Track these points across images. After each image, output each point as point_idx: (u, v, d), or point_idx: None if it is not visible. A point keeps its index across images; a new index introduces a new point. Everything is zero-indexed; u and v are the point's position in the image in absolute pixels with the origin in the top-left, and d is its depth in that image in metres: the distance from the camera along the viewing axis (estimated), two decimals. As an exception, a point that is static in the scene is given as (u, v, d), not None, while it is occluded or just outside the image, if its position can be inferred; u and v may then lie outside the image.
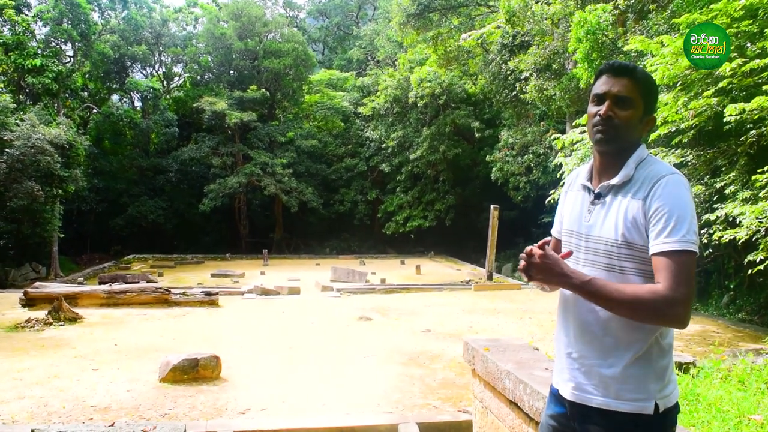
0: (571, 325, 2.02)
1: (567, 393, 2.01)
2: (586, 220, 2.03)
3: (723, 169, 9.55)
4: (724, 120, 8.15)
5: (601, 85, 2.01)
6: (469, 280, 18.22)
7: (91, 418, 5.34)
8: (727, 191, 9.02)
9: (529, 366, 3.76)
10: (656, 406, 1.86)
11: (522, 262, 1.94)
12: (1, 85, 23.27)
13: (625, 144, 1.98)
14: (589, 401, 1.94)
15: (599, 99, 2.00)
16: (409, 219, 30.68)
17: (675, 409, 1.94)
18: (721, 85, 8.45)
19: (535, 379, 3.43)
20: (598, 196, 2.02)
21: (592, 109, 2.02)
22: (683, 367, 5.46)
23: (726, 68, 8.04)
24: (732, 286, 12.33)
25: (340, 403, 5.90)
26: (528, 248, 1.93)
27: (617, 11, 12.95)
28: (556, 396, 2.11)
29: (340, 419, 5.32)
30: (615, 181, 1.97)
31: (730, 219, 8.64)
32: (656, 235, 1.83)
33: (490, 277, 17.20)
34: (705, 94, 8.75)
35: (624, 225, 1.90)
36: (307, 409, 5.72)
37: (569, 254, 2.03)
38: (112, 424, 4.61)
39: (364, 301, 13.48)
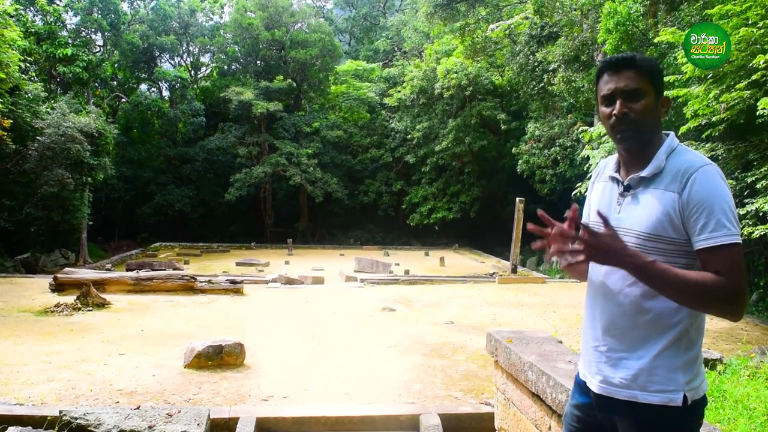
0: (599, 318, 2.00)
1: (594, 386, 1.99)
2: (616, 212, 1.99)
3: (755, 163, 9.38)
4: (757, 113, 7.99)
5: (605, 85, 1.96)
6: (493, 273, 18.16)
7: (117, 402, 5.43)
8: (758, 186, 8.85)
9: (553, 358, 3.73)
10: (685, 398, 1.84)
11: (569, 245, 1.83)
12: (33, 74, 23.63)
13: (649, 134, 1.94)
14: (616, 393, 1.92)
15: (609, 99, 1.95)
16: (433, 211, 30.60)
17: (703, 402, 1.91)
18: (754, 77, 8.27)
19: (558, 372, 3.40)
20: (628, 188, 1.98)
21: (604, 110, 1.97)
22: (710, 363, 5.39)
23: (760, 60, 7.87)
24: (762, 284, 12.10)
25: (362, 392, 5.92)
26: (561, 227, 1.85)
27: (648, 2, 12.73)
28: (581, 386, 2.10)
29: (361, 408, 5.34)
30: (645, 173, 1.92)
31: (761, 214, 8.49)
32: (701, 231, 1.79)
33: (514, 270, 17.09)
34: (737, 86, 8.57)
35: (656, 218, 1.86)
36: (330, 397, 5.75)
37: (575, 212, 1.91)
38: (138, 408, 4.68)
39: (388, 292, 13.49)
